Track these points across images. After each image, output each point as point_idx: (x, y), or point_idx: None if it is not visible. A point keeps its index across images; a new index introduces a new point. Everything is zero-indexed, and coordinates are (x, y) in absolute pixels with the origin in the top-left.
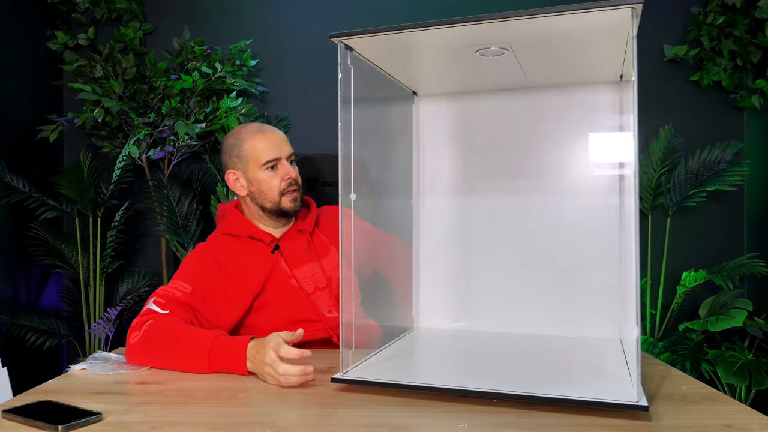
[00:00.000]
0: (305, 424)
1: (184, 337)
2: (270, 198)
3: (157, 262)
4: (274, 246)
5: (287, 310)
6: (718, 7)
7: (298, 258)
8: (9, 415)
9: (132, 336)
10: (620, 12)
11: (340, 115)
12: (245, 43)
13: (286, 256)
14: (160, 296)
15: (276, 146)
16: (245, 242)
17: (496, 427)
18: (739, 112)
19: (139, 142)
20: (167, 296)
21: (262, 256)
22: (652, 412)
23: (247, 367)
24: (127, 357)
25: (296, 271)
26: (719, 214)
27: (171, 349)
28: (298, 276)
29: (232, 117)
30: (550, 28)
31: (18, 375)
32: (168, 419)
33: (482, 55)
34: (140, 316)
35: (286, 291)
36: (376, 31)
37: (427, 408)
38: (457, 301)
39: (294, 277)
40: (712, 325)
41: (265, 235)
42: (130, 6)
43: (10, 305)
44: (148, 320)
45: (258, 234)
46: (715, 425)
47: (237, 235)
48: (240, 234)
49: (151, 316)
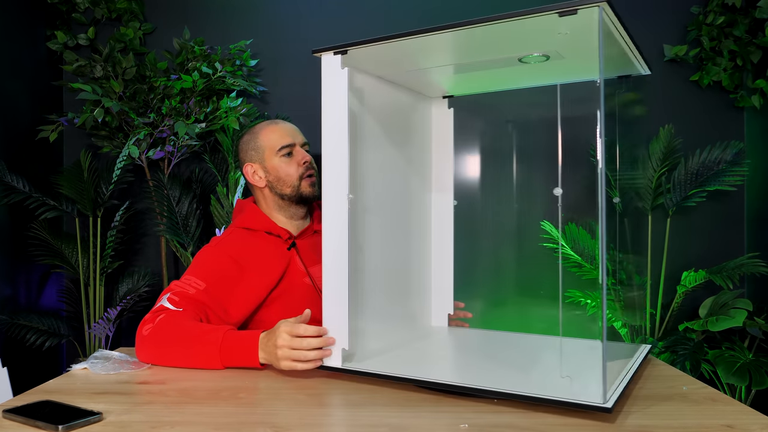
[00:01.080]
0: (305, 424)
1: (195, 334)
2: (289, 183)
3: (157, 262)
4: (291, 243)
5: (298, 307)
6: (718, 7)
7: (313, 257)
8: (9, 415)
9: (144, 328)
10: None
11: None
12: (245, 43)
13: (302, 254)
14: (174, 293)
15: (290, 134)
16: (262, 237)
17: (497, 427)
18: (739, 112)
19: (139, 142)
20: (181, 294)
21: (279, 251)
22: (653, 412)
23: (260, 358)
24: (137, 350)
25: (311, 269)
26: (719, 214)
27: (182, 346)
28: (313, 274)
29: (232, 117)
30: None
31: (18, 375)
32: (168, 419)
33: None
34: (154, 312)
35: (299, 288)
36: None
37: (427, 408)
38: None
39: (309, 275)
40: (712, 325)
41: (282, 231)
42: (130, 6)
43: (10, 305)
44: (161, 315)
45: (275, 229)
46: (715, 425)
47: (254, 230)
48: (257, 228)
49: (165, 312)
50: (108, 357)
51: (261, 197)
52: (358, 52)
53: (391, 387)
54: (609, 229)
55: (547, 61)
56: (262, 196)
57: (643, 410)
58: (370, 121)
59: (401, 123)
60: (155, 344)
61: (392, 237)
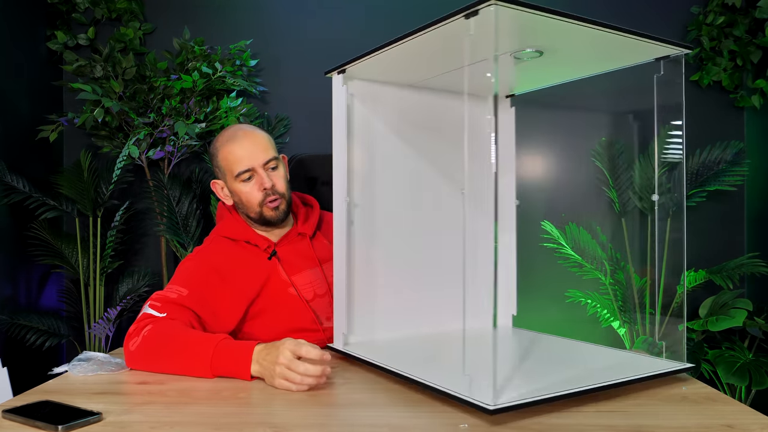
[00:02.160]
0: (305, 424)
1: (185, 341)
2: (251, 209)
3: (157, 262)
4: (271, 252)
5: (284, 319)
6: (718, 7)
7: (297, 264)
8: (9, 415)
9: (131, 343)
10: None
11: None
12: (245, 43)
13: (284, 263)
14: (155, 300)
15: (248, 155)
16: (242, 246)
17: (497, 426)
18: (739, 112)
19: (139, 142)
20: (162, 299)
21: (259, 262)
22: (652, 412)
23: (252, 370)
24: (128, 363)
25: (294, 278)
26: (719, 214)
27: (172, 354)
28: (297, 282)
29: (232, 117)
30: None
31: (18, 375)
32: (168, 419)
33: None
34: (137, 322)
35: (283, 299)
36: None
37: (427, 408)
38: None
39: (292, 285)
40: (712, 325)
41: (261, 241)
42: (130, 6)
43: (10, 305)
44: (146, 325)
45: (254, 239)
46: (715, 425)
47: (234, 239)
48: (236, 238)
49: (149, 321)
50: (90, 358)
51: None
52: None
53: (392, 387)
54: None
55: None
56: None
57: (642, 410)
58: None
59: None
60: (144, 357)
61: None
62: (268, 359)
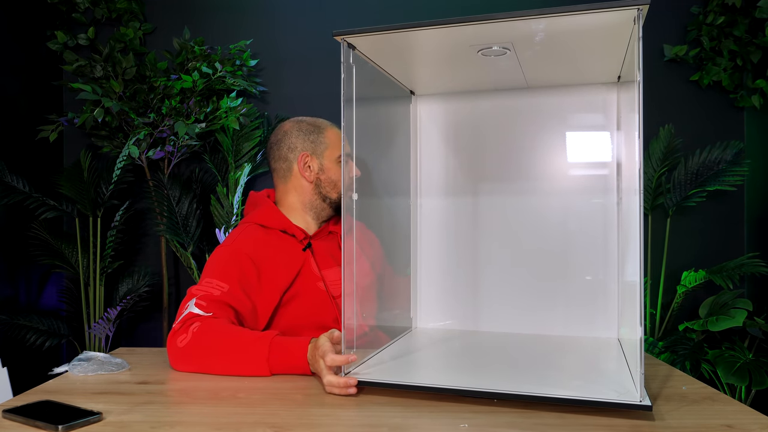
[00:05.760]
0: (305, 424)
1: (238, 340)
2: (336, 189)
3: (157, 262)
4: (306, 243)
5: (308, 313)
6: (718, 7)
7: (328, 259)
8: (9, 415)
9: (179, 339)
10: (624, 13)
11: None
12: (245, 43)
13: (317, 256)
14: (200, 298)
15: (350, 144)
16: (277, 235)
17: (497, 427)
18: (739, 112)
19: (139, 142)
20: (207, 297)
21: (293, 251)
22: (653, 412)
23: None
24: (173, 362)
25: (325, 272)
26: (719, 214)
27: (225, 353)
28: (327, 278)
29: (232, 117)
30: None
31: (18, 375)
32: (168, 419)
33: (484, 55)
34: (183, 320)
35: (312, 293)
36: (380, 30)
37: (427, 408)
38: (454, 301)
39: (322, 279)
40: (712, 325)
41: (298, 231)
42: (130, 6)
43: (10, 305)
44: (194, 323)
45: (291, 228)
46: (715, 425)
47: (269, 227)
48: (272, 227)
49: (196, 320)
50: (90, 358)
51: (293, 190)
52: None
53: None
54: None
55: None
56: (297, 189)
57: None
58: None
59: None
60: (195, 355)
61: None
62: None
